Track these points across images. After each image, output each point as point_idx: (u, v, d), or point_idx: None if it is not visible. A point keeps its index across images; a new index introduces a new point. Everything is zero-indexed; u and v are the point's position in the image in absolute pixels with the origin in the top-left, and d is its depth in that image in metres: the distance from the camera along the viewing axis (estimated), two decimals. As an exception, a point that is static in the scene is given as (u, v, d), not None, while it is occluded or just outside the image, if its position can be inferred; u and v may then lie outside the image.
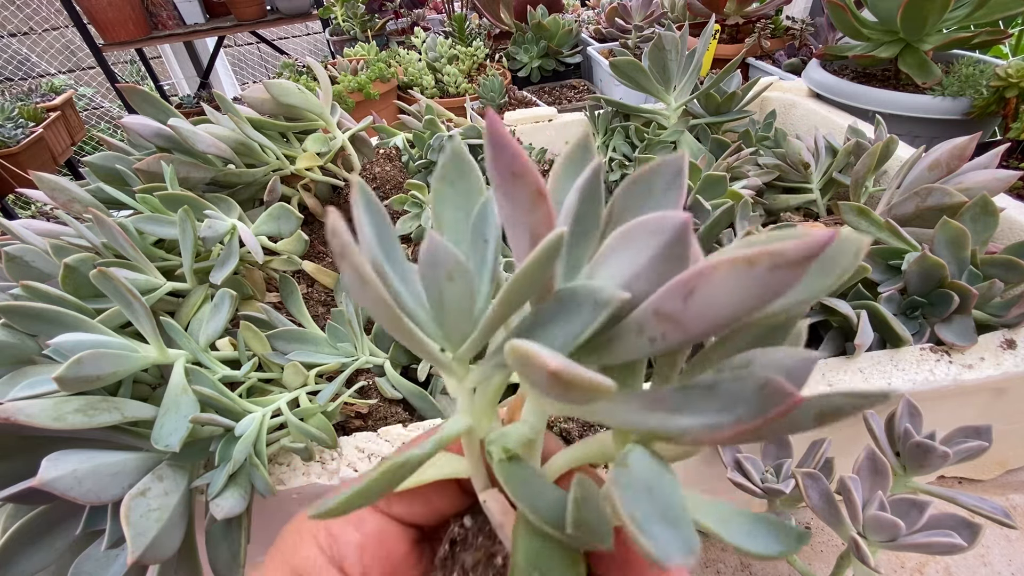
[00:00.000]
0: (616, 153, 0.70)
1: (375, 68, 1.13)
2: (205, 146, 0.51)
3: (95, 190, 0.50)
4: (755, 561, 0.44)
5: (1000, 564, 0.42)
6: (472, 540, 0.18)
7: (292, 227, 0.52)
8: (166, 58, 2.68)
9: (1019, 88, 0.66)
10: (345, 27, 1.69)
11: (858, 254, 0.12)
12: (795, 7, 1.31)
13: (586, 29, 1.43)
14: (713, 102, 0.67)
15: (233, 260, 0.45)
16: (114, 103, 3.13)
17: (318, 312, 0.54)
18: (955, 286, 0.37)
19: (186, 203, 0.46)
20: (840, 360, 0.38)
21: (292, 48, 3.25)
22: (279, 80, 0.59)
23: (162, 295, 0.44)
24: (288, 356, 0.44)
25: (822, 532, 0.45)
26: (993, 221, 0.40)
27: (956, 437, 0.34)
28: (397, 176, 0.63)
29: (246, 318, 0.46)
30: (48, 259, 0.43)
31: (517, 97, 1.12)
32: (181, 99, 2.38)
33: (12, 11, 2.83)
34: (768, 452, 0.36)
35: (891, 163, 0.56)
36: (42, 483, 0.29)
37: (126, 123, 0.51)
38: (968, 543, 0.29)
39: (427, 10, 1.78)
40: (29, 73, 2.99)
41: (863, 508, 0.31)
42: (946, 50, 0.76)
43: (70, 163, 2.23)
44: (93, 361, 0.33)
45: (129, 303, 0.37)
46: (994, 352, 0.37)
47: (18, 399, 0.32)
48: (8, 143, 1.82)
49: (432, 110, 0.70)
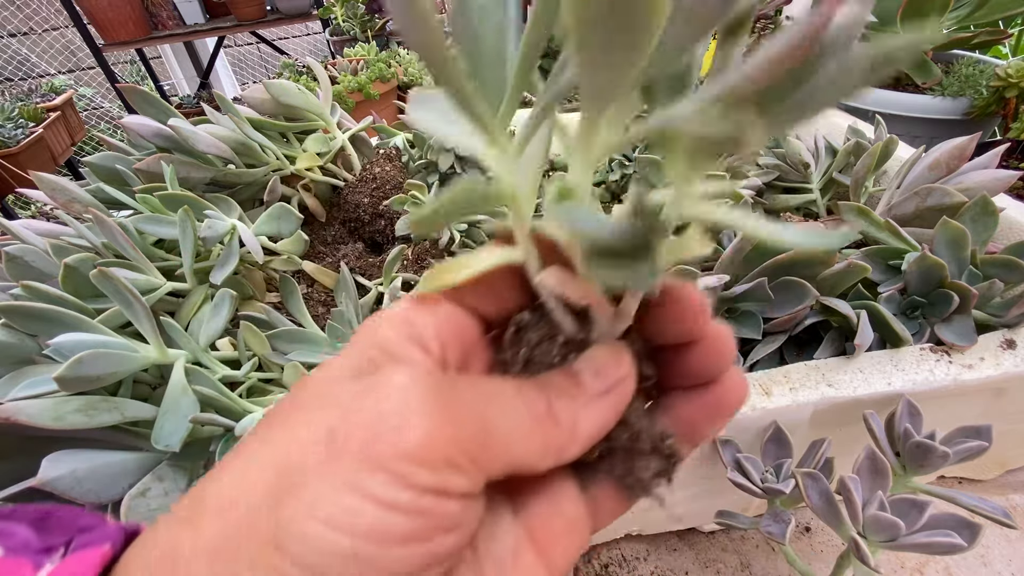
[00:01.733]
0: (616, 153, 0.70)
1: (375, 68, 1.13)
2: (205, 146, 0.51)
3: (95, 190, 0.50)
4: (755, 561, 0.44)
5: (1000, 564, 0.42)
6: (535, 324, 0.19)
7: (292, 227, 0.52)
8: (166, 58, 2.68)
9: (1019, 88, 0.66)
10: (345, 27, 1.69)
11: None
12: (795, 7, 1.31)
13: (586, 29, 1.43)
14: (713, 102, 0.67)
15: (233, 260, 0.45)
16: (114, 103, 3.13)
17: (318, 312, 0.54)
18: (955, 286, 0.37)
19: (186, 203, 0.46)
20: (840, 360, 0.38)
21: (292, 48, 3.25)
22: (279, 80, 0.59)
23: (162, 295, 0.44)
24: (288, 356, 0.44)
25: (822, 532, 0.45)
26: (993, 221, 0.40)
27: (956, 437, 0.34)
28: (397, 176, 0.64)
29: (246, 318, 0.46)
30: (48, 259, 0.43)
31: (517, 97, 1.12)
32: (181, 99, 2.38)
33: (12, 11, 2.83)
34: (768, 452, 0.36)
35: (891, 163, 0.56)
36: (42, 483, 0.29)
37: (126, 123, 0.51)
38: (968, 543, 0.29)
39: (427, 10, 1.78)
40: (29, 73, 2.99)
41: (863, 508, 0.31)
42: (946, 50, 0.76)
43: (70, 163, 2.23)
44: (93, 361, 0.33)
45: (129, 303, 0.37)
46: (994, 352, 0.37)
47: (18, 399, 0.32)
48: (8, 143, 1.82)
49: (432, 110, 0.70)
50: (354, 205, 0.62)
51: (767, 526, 0.34)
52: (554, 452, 0.16)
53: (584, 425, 0.16)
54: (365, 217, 0.62)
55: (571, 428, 0.16)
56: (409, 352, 0.17)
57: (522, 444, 0.15)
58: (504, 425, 0.15)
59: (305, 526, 0.13)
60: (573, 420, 0.16)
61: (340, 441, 0.14)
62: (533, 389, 0.16)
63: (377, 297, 0.54)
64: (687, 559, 0.44)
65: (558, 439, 0.16)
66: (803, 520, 0.46)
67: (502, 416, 0.15)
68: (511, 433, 0.15)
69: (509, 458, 0.15)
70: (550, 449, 0.16)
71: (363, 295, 0.56)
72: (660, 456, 0.19)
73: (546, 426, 0.16)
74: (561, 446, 0.16)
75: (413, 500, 0.14)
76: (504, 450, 0.15)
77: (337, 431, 0.14)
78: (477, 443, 0.15)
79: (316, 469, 0.14)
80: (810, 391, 0.36)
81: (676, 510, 0.43)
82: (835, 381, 0.36)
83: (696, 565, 0.44)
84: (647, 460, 0.19)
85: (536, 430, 0.15)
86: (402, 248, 0.56)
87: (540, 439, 0.15)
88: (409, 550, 0.14)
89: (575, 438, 0.16)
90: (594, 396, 0.17)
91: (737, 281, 0.40)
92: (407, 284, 0.55)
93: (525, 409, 0.16)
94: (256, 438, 0.16)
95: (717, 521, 0.39)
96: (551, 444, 0.16)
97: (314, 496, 0.13)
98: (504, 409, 0.15)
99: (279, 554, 0.13)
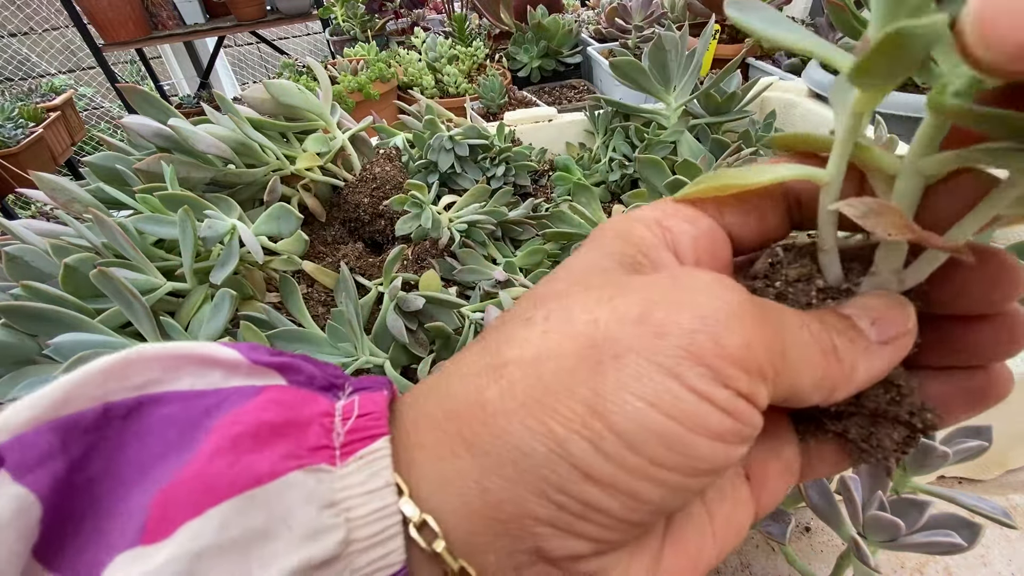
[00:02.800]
0: (616, 153, 0.70)
1: (375, 68, 1.13)
2: (205, 146, 0.51)
3: (95, 190, 0.50)
4: (755, 561, 0.44)
5: (1000, 564, 0.42)
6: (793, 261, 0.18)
7: (292, 227, 0.52)
8: (166, 58, 2.68)
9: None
10: (345, 27, 1.69)
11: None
12: (795, 7, 1.31)
13: (586, 29, 1.43)
14: (713, 102, 0.67)
15: (233, 260, 0.45)
16: (114, 103, 3.13)
17: (318, 312, 0.54)
18: (955, 286, 0.37)
19: (186, 203, 0.46)
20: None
21: (292, 48, 3.25)
22: (279, 80, 0.59)
23: (162, 295, 0.44)
24: (288, 356, 0.44)
25: (822, 532, 0.45)
26: (993, 221, 0.40)
27: (956, 437, 0.34)
28: (397, 176, 0.63)
29: (246, 318, 0.46)
30: (48, 259, 0.43)
31: (517, 97, 1.12)
32: (181, 99, 2.38)
33: (12, 11, 2.83)
34: (768, 452, 0.36)
35: (891, 163, 0.56)
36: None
37: (126, 123, 0.51)
38: (968, 543, 0.29)
39: (427, 10, 1.78)
40: (29, 73, 2.99)
41: (863, 508, 0.31)
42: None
43: (70, 163, 2.23)
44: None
45: (129, 303, 0.37)
46: (994, 352, 0.37)
47: (18, 399, 0.32)
48: (8, 143, 1.83)
49: (432, 110, 0.70)
50: (354, 205, 0.62)
51: (767, 526, 0.34)
52: (828, 388, 0.16)
53: (861, 370, 0.16)
54: (365, 217, 0.62)
55: (850, 369, 0.16)
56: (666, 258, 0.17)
57: (808, 372, 0.15)
58: (797, 351, 0.15)
59: (626, 398, 0.14)
60: (853, 362, 0.16)
61: (656, 325, 0.14)
62: (819, 325, 0.16)
63: (377, 297, 0.54)
64: (687, 559, 0.44)
65: (836, 377, 0.16)
66: (803, 520, 0.46)
67: (796, 341, 0.15)
68: (802, 359, 0.15)
69: (793, 382, 0.15)
70: (825, 384, 0.16)
71: (363, 295, 0.56)
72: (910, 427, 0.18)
73: (830, 360, 0.16)
74: (835, 385, 0.16)
75: (730, 400, 0.14)
76: (794, 374, 0.15)
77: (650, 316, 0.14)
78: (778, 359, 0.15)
79: (635, 346, 0.14)
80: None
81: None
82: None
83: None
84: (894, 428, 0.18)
85: (820, 363, 0.15)
86: (402, 248, 0.56)
87: (821, 372, 0.15)
88: (715, 448, 0.14)
89: (850, 380, 0.16)
90: (874, 344, 0.16)
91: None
92: (407, 284, 0.55)
93: (812, 339, 0.16)
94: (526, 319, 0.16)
95: (717, 521, 0.39)
96: (828, 379, 0.16)
97: (636, 372, 0.14)
98: (797, 335, 0.16)
99: (598, 419, 0.14)
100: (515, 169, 0.68)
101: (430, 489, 0.15)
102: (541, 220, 0.62)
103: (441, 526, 0.14)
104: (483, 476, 0.14)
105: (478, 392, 0.15)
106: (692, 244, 0.17)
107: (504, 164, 0.67)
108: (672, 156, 0.65)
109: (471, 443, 0.14)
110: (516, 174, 0.68)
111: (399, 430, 0.16)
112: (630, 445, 0.13)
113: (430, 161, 0.65)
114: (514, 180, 0.68)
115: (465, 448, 0.15)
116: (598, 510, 0.14)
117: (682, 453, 0.14)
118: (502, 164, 0.67)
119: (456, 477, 0.14)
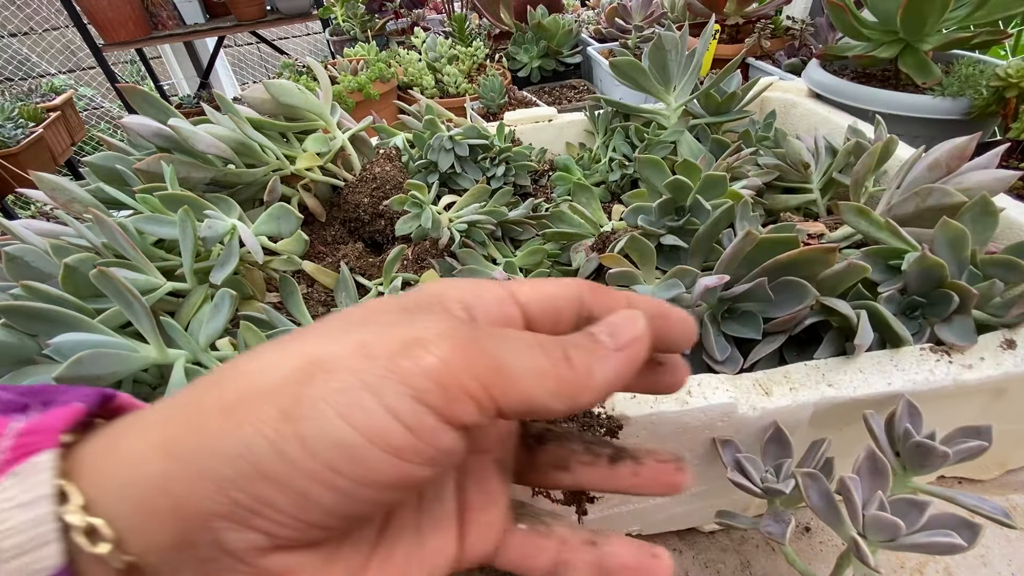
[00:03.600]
0: (616, 153, 0.70)
1: (375, 68, 1.13)
2: (205, 146, 0.51)
3: (95, 190, 0.50)
4: (755, 561, 0.44)
5: (1000, 564, 0.42)
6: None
7: (292, 227, 0.52)
8: (166, 58, 2.68)
9: (1019, 88, 0.66)
10: (345, 27, 1.69)
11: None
12: (795, 7, 1.31)
13: (586, 29, 1.43)
14: (713, 102, 0.67)
15: (233, 260, 0.45)
16: (114, 103, 3.13)
17: (318, 312, 0.54)
18: (955, 286, 0.37)
19: (186, 203, 0.46)
20: (840, 360, 0.38)
21: (292, 48, 3.25)
22: (279, 80, 0.59)
23: (162, 295, 0.44)
24: (288, 356, 0.44)
25: (822, 532, 0.45)
26: (993, 221, 0.40)
27: (956, 437, 0.34)
28: (397, 176, 0.63)
29: (246, 318, 0.46)
30: (48, 259, 0.43)
31: (517, 97, 1.12)
32: (181, 99, 2.38)
33: (12, 11, 2.83)
34: (768, 452, 0.36)
35: (891, 163, 0.56)
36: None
37: (126, 123, 0.51)
38: (968, 543, 0.29)
39: (427, 10, 1.78)
40: (29, 73, 2.99)
41: (863, 508, 0.31)
42: (946, 50, 0.76)
43: (70, 163, 2.23)
44: (93, 361, 0.33)
45: (129, 303, 0.37)
46: (994, 352, 0.37)
47: None
48: (8, 143, 1.82)
49: (432, 110, 0.70)
50: (354, 205, 0.62)
51: (767, 526, 0.34)
52: (568, 395, 0.17)
53: (599, 375, 0.17)
54: (365, 217, 0.62)
55: (586, 375, 0.17)
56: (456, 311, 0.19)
57: (536, 381, 0.16)
58: (519, 363, 0.16)
59: (321, 407, 0.15)
60: (588, 367, 0.17)
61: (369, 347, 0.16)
62: (552, 341, 0.18)
63: (377, 297, 0.54)
64: (687, 559, 0.44)
65: (573, 382, 0.17)
66: (803, 520, 0.46)
67: (517, 355, 0.17)
68: (527, 370, 0.16)
69: (520, 393, 0.16)
70: (564, 391, 0.17)
71: (363, 295, 0.56)
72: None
73: (560, 368, 0.17)
74: (575, 391, 0.17)
75: (416, 416, 0.15)
76: (521, 385, 0.16)
77: (371, 344, 0.16)
78: (492, 373, 0.16)
79: (349, 365, 0.15)
80: (810, 391, 0.36)
81: (676, 509, 0.43)
82: (835, 381, 0.36)
83: (696, 565, 0.44)
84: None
85: (551, 371, 0.17)
86: (402, 248, 0.56)
87: (554, 379, 0.17)
88: (391, 462, 0.15)
89: (590, 384, 0.17)
90: (611, 351, 0.18)
91: (737, 281, 0.40)
92: (407, 284, 0.55)
93: (541, 352, 0.17)
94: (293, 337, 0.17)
95: (717, 521, 0.39)
96: (565, 385, 0.17)
97: (340, 386, 0.15)
98: (520, 349, 0.17)
99: (289, 423, 0.15)
100: (515, 169, 0.68)
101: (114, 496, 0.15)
102: (541, 220, 0.62)
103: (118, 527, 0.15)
104: (169, 478, 0.15)
105: (197, 396, 0.16)
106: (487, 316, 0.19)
107: (504, 164, 0.67)
108: (672, 156, 0.65)
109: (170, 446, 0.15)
110: (516, 174, 0.68)
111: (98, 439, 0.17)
112: (310, 450, 0.14)
113: (430, 161, 0.65)
114: (514, 180, 0.68)
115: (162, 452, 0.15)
116: (269, 505, 0.15)
117: (360, 464, 0.15)
118: (502, 164, 0.67)
119: (141, 479, 0.15)
